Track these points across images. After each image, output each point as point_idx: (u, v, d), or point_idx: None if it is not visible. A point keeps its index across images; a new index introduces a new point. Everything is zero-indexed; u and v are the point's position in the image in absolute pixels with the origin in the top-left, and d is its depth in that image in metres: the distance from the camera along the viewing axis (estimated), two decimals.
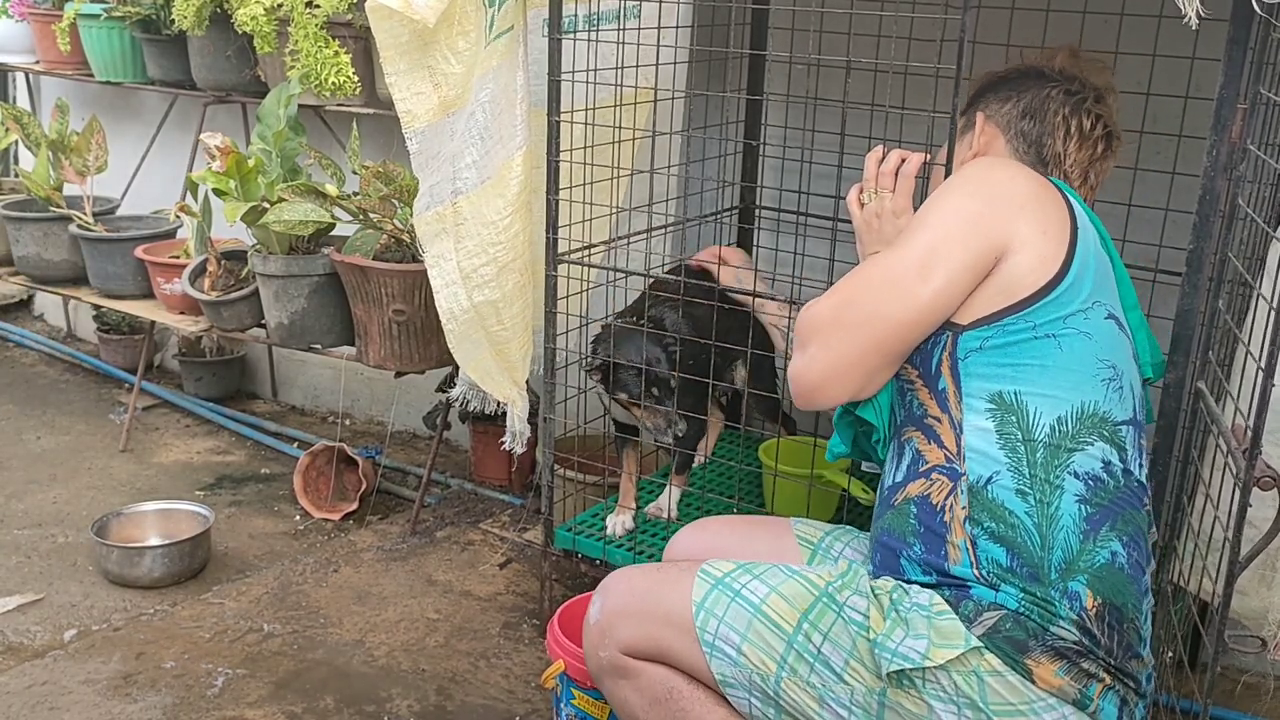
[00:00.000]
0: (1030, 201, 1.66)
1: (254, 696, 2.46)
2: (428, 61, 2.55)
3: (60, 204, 3.62)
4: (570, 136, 2.45)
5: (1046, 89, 1.85)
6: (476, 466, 3.52)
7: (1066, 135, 1.85)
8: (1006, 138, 1.87)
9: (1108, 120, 1.88)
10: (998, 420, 1.62)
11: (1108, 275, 1.72)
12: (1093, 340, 1.64)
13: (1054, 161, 1.85)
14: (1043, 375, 1.62)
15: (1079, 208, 1.73)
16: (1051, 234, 1.64)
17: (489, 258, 2.63)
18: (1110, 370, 1.64)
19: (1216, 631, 1.52)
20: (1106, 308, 1.67)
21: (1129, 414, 1.66)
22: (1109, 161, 1.91)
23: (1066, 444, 1.60)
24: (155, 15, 3.50)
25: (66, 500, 3.35)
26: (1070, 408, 1.61)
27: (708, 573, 1.73)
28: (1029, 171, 1.72)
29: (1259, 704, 2.48)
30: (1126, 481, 1.63)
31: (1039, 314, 1.62)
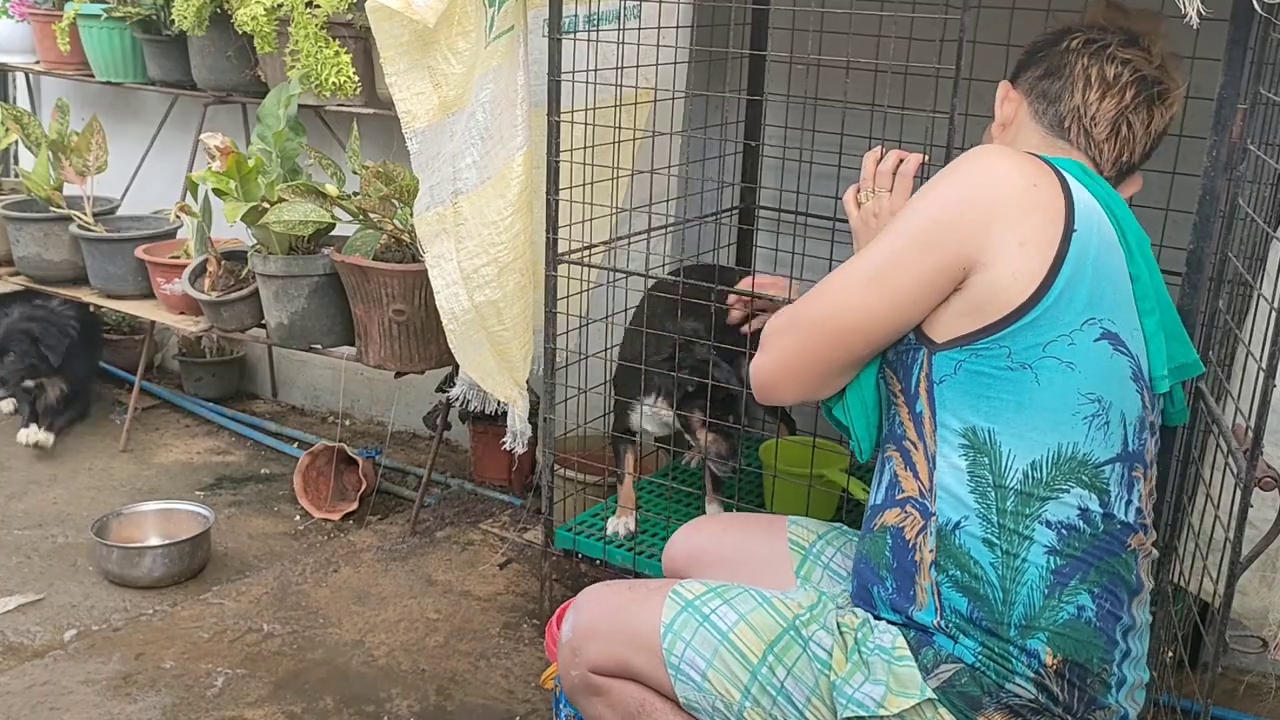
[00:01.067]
0: (1010, 208, 1.51)
1: (254, 696, 2.46)
2: (428, 62, 2.55)
3: (60, 204, 3.62)
4: (570, 136, 2.45)
5: (1066, 41, 1.71)
6: (476, 466, 3.52)
7: (1086, 85, 1.67)
8: (1029, 101, 1.73)
9: (1140, 65, 1.67)
10: (970, 459, 1.54)
11: (1114, 283, 1.55)
12: (1075, 372, 1.51)
13: (1073, 117, 1.68)
14: (1018, 415, 1.52)
15: (1086, 203, 1.55)
16: (1032, 246, 1.50)
17: (490, 258, 2.63)
18: (1094, 405, 1.53)
19: (1218, 632, 1.52)
20: (1102, 325, 1.53)
21: (1115, 450, 1.55)
22: (1153, 112, 1.69)
23: (1040, 492, 1.51)
24: (155, 15, 3.50)
25: (66, 500, 3.35)
26: (1046, 452, 1.52)
27: (679, 594, 1.70)
28: (1022, 168, 1.55)
29: (1260, 704, 2.48)
30: (1107, 527, 1.54)
31: (1015, 339, 1.50)
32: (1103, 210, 1.57)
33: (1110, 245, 1.55)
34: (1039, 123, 1.71)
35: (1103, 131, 1.68)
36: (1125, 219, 1.62)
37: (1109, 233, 1.56)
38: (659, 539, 2.58)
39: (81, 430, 3.85)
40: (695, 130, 2.89)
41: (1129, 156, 1.70)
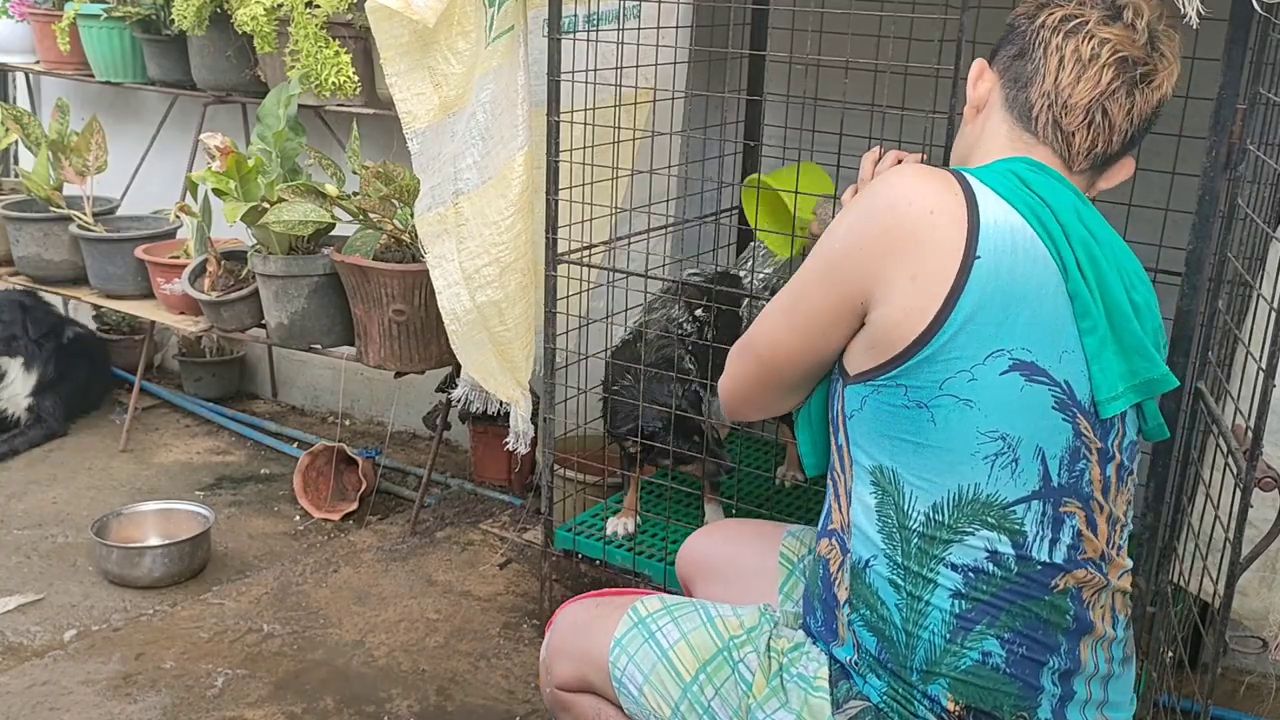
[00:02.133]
0: (903, 240, 1.42)
1: (254, 697, 2.46)
2: (428, 62, 2.55)
3: (60, 204, 3.62)
4: (570, 136, 2.45)
5: (1041, 16, 1.55)
6: (476, 467, 3.52)
7: (1060, 67, 1.51)
8: (1002, 84, 1.58)
9: (1121, 45, 1.50)
10: (878, 498, 1.49)
11: (1033, 308, 1.43)
12: (974, 409, 1.41)
13: (1043, 104, 1.52)
14: (916, 456, 1.45)
15: (999, 225, 1.42)
16: (923, 280, 1.41)
17: (491, 258, 2.63)
18: (998, 444, 1.43)
19: (1218, 632, 1.52)
20: (1013, 355, 1.42)
21: (1029, 488, 1.44)
22: (1134, 97, 1.52)
23: (942, 535, 1.45)
24: (155, 15, 3.50)
25: (66, 500, 3.35)
26: (945, 494, 1.44)
27: (635, 611, 1.72)
28: (922, 194, 1.44)
29: (1261, 705, 2.48)
30: (1022, 569, 1.45)
31: (910, 376, 1.43)
32: (1031, 226, 1.44)
33: (1029, 266, 1.42)
34: (1009, 110, 1.56)
35: (1075, 120, 1.52)
36: (1072, 228, 1.47)
37: (1031, 252, 1.43)
38: (658, 539, 2.58)
39: (81, 430, 3.85)
40: (695, 130, 2.89)
41: (1105, 147, 1.54)
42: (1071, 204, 1.48)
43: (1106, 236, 1.50)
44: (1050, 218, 1.45)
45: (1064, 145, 1.54)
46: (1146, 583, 1.92)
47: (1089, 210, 1.51)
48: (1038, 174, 1.51)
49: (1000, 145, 1.56)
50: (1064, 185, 1.51)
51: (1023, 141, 1.55)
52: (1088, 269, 1.45)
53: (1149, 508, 1.90)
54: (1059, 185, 1.50)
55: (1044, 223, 1.45)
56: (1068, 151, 1.54)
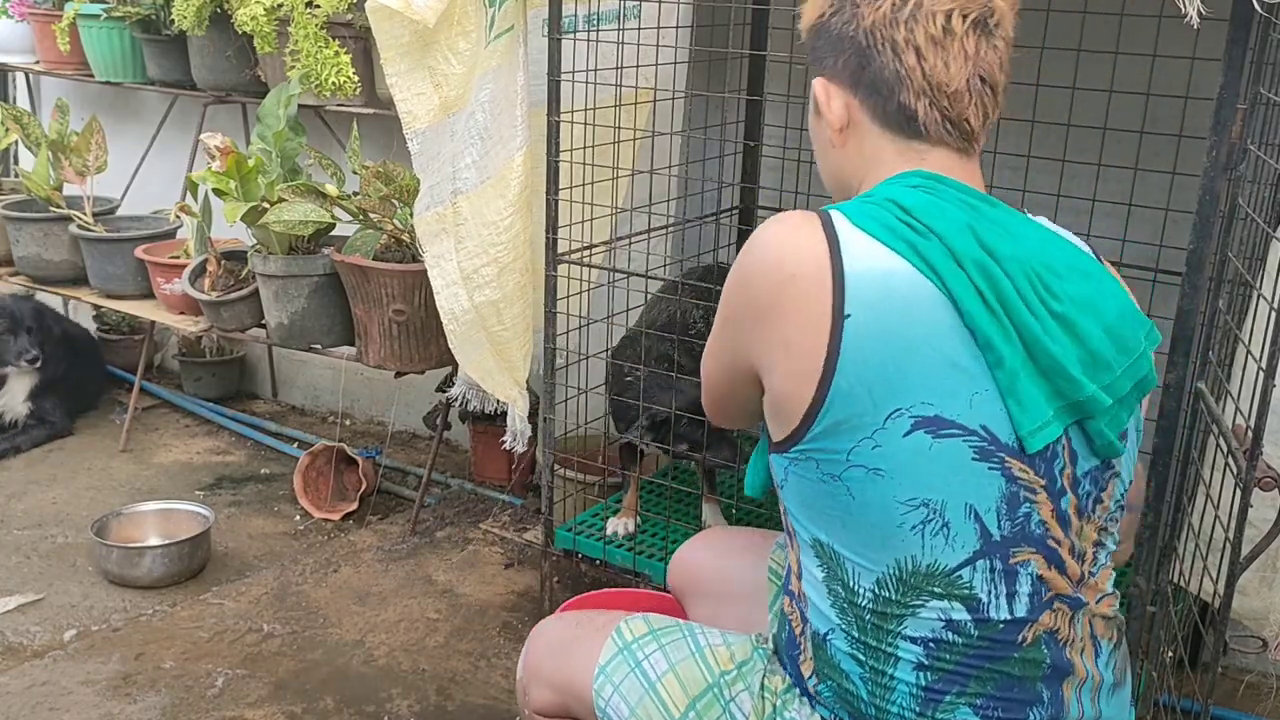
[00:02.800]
0: (769, 308, 1.33)
1: (254, 697, 2.46)
2: (428, 62, 2.55)
3: (60, 204, 3.62)
4: (570, 136, 2.45)
5: (864, 15, 1.39)
6: (476, 466, 3.52)
7: (920, 58, 1.36)
8: (859, 99, 1.41)
9: (963, 6, 1.37)
10: (826, 572, 1.39)
11: (925, 356, 1.29)
12: (886, 479, 1.30)
13: (925, 102, 1.38)
14: (846, 532, 1.35)
15: (868, 273, 1.29)
16: (797, 349, 1.30)
17: (490, 258, 2.63)
18: (921, 510, 1.30)
19: (1218, 632, 1.52)
20: (913, 413, 1.28)
21: (969, 549, 1.32)
22: (997, 48, 1.39)
23: (893, 610, 1.34)
24: (155, 15, 3.50)
25: (66, 500, 3.35)
26: (886, 570, 1.33)
27: (620, 635, 1.61)
28: (781, 255, 1.32)
29: (1260, 704, 2.48)
30: (984, 633, 1.34)
31: (815, 448, 1.33)
32: (911, 264, 1.30)
33: (911, 312, 1.29)
34: (885, 125, 1.41)
35: (963, 103, 1.38)
36: (964, 251, 1.31)
37: (911, 295, 1.30)
38: (658, 539, 2.58)
39: (81, 430, 3.85)
40: (695, 130, 2.89)
41: (997, 110, 1.42)
42: (962, 222, 1.33)
43: (1010, 249, 1.33)
44: (935, 247, 1.31)
45: (960, 135, 1.40)
46: (1146, 583, 1.92)
47: (986, 219, 1.36)
48: (928, 193, 1.36)
49: (889, 164, 1.42)
50: (956, 200, 1.37)
51: (914, 151, 1.41)
52: (988, 293, 1.30)
53: (1149, 508, 1.90)
54: (948, 203, 1.35)
55: (926, 256, 1.30)
56: (967, 139, 1.40)
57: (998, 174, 2.45)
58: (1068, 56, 2.24)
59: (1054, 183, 2.41)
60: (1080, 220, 2.45)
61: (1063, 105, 2.31)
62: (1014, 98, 2.32)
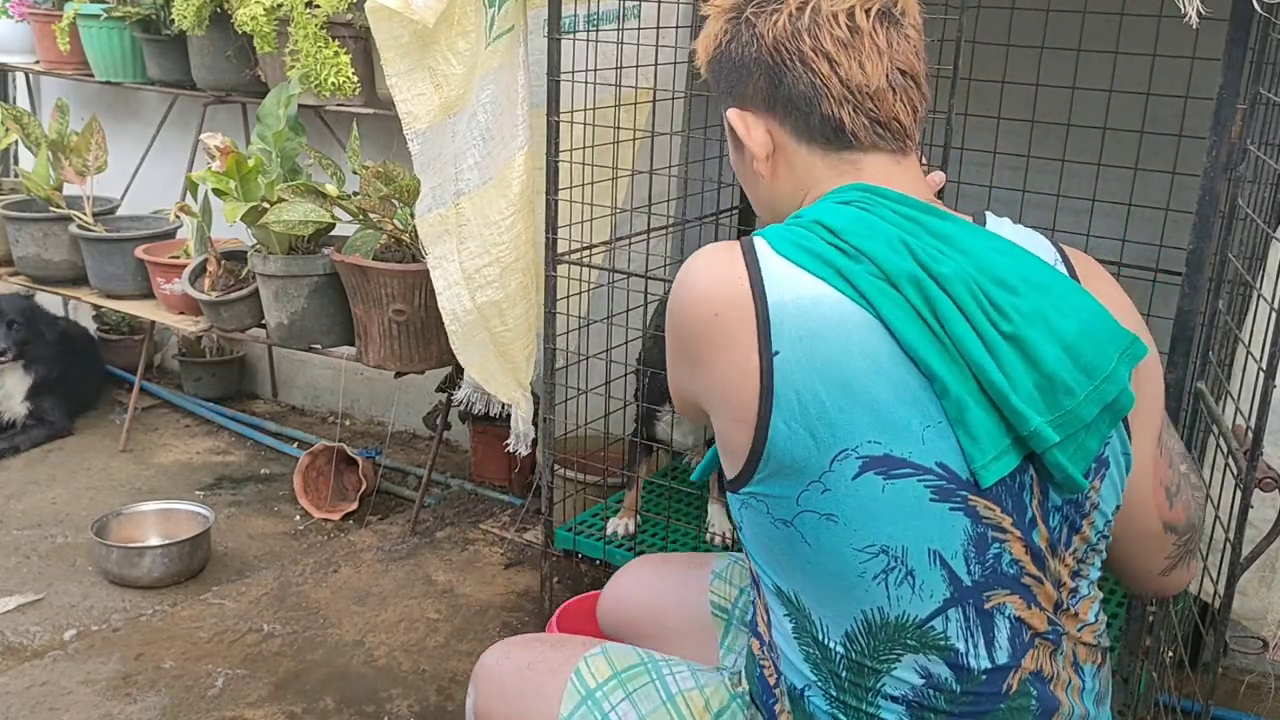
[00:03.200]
0: (699, 348, 1.24)
1: (254, 697, 2.46)
2: (428, 62, 2.55)
3: (60, 204, 3.62)
4: (570, 136, 2.45)
5: (763, 34, 1.30)
6: (476, 467, 3.52)
7: (833, 65, 1.27)
8: (778, 120, 1.33)
9: (863, 1, 1.28)
10: (794, 624, 1.29)
11: (866, 391, 1.18)
12: (840, 525, 1.20)
13: (847, 110, 1.29)
14: (808, 580, 1.25)
15: (794, 304, 1.20)
16: (730, 389, 1.22)
17: (492, 258, 2.63)
18: (881, 558, 1.20)
19: (1218, 632, 1.52)
20: (860, 453, 1.18)
21: (939, 598, 1.22)
22: (908, 36, 1.31)
23: (869, 664, 1.24)
24: (155, 15, 3.50)
25: (66, 500, 3.35)
26: (854, 623, 1.23)
27: (580, 680, 1.46)
28: (707, 292, 1.24)
29: (1260, 704, 2.48)
30: (967, 686, 1.24)
31: (763, 492, 1.24)
32: (839, 290, 1.20)
33: (844, 341, 1.19)
34: (811, 143, 1.32)
35: (887, 102, 1.29)
36: (896, 269, 1.20)
37: (843, 324, 1.19)
38: (658, 539, 2.58)
39: (81, 430, 3.85)
40: (695, 130, 2.89)
41: (924, 102, 1.33)
42: (895, 238, 1.23)
43: (951, 265, 1.22)
44: (863, 267, 1.21)
45: (892, 135, 1.31)
46: None
47: (925, 232, 1.26)
48: (861, 208, 1.27)
49: (825, 180, 1.33)
50: (891, 214, 1.27)
51: (847, 163, 1.32)
52: (926, 314, 1.19)
53: None
54: (881, 218, 1.26)
55: (852, 280, 1.20)
56: (899, 139, 1.32)
57: (997, 174, 2.45)
58: (1068, 56, 2.24)
59: (1054, 183, 2.41)
60: (1080, 220, 2.45)
61: (1063, 105, 2.31)
62: (1014, 97, 2.33)
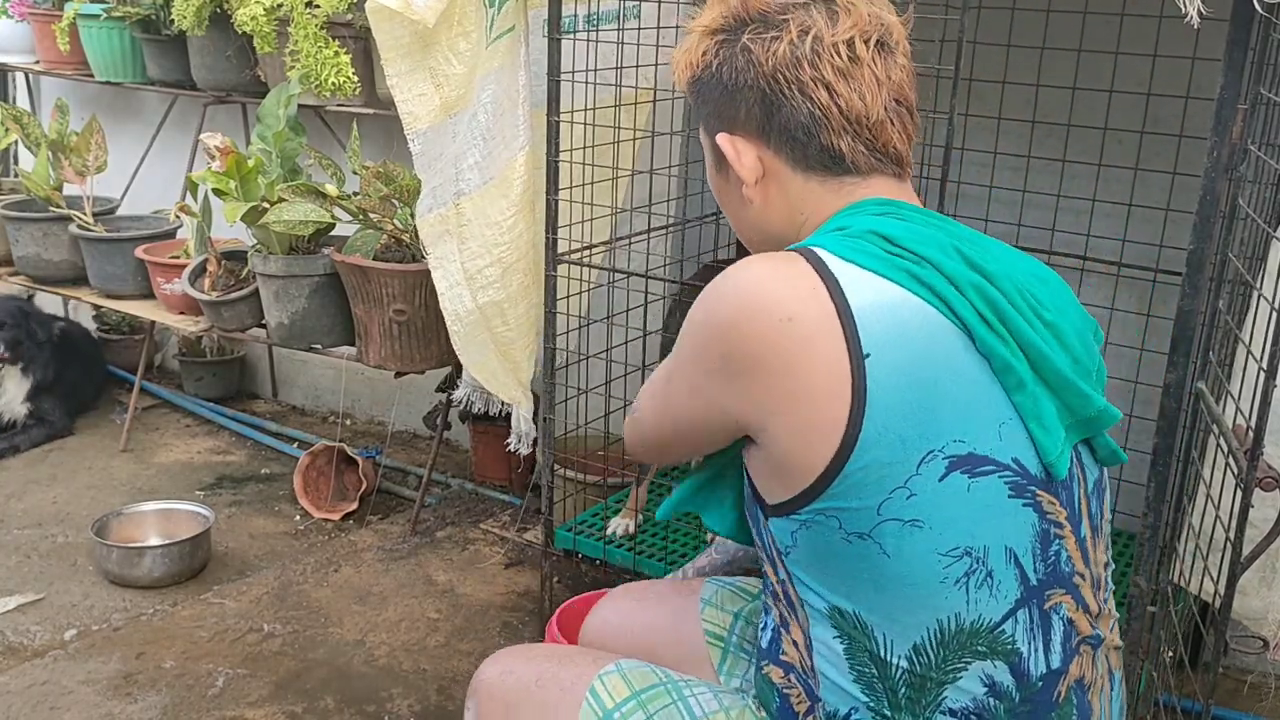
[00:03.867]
0: (761, 363, 1.18)
1: (254, 696, 2.46)
2: (429, 63, 2.55)
3: (60, 204, 3.61)
4: (570, 136, 2.45)
5: (762, 60, 1.28)
6: (477, 466, 3.52)
7: (832, 95, 1.26)
8: (773, 148, 1.32)
9: (862, 31, 1.27)
10: (847, 644, 1.24)
11: (950, 391, 1.19)
12: (926, 530, 1.18)
13: (847, 140, 1.29)
14: (879, 595, 1.21)
15: (874, 303, 1.18)
16: (808, 400, 1.16)
17: (493, 258, 2.63)
18: (965, 561, 1.19)
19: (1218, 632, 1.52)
20: (948, 453, 1.17)
21: (1012, 598, 1.22)
22: (901, 64, 1.31)
23: (933, 677, 1.21)
24: (155, 15, 3.50)
25: (66, 500, 3.35)
26: (926, 633, 1.20)
27: (597, 700, 1.40)
28: (772, 296, 1.18)
29: (1260, 704, 2.48)
30: (1025, 694, 1.23)
31: (837, 506, 1.19)
32: (913, 292, 1.20)
33: (929, 342, 1.19)
34: (809, 171, 1.31)
35: (886, 130, 1.29)
36: (956, 272, 1.22)
37: (924, 325, 1.20)
38: (659, 539, 2.59)
39: (81, 430, 3.85)
40: (695, 130, 2.88)
41: (916, 129, 1.34)
42: (942, 241, 1.25)
43: (990, 262, 1.26)
44: (930, 271, 1.22)
45: (890, 161, 1.31)
46: (1146, 583, 1.92)
47: (958, 236, 1.29)
48: (895, 218, 1.27)
49: (827, 202, 1.32)
50: (925, 219, 1.29)
51: (848, 187, 1.32)
52: (989, 315, 1.22)
53: (1149, 507, 1.90)
54: (921, 226, 1.27)
55: (924, 281, 1.21)
56: (897, 164, 1.32)
57: (998, 174, 2.45)
58: (1068, 56, 2.24)
59: (1054, 183, 2.41)
60: (1080, 220, 2.45)
61: (1063, 105, 2.31)
62: (1015, 98, 2.33)
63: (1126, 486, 2.39)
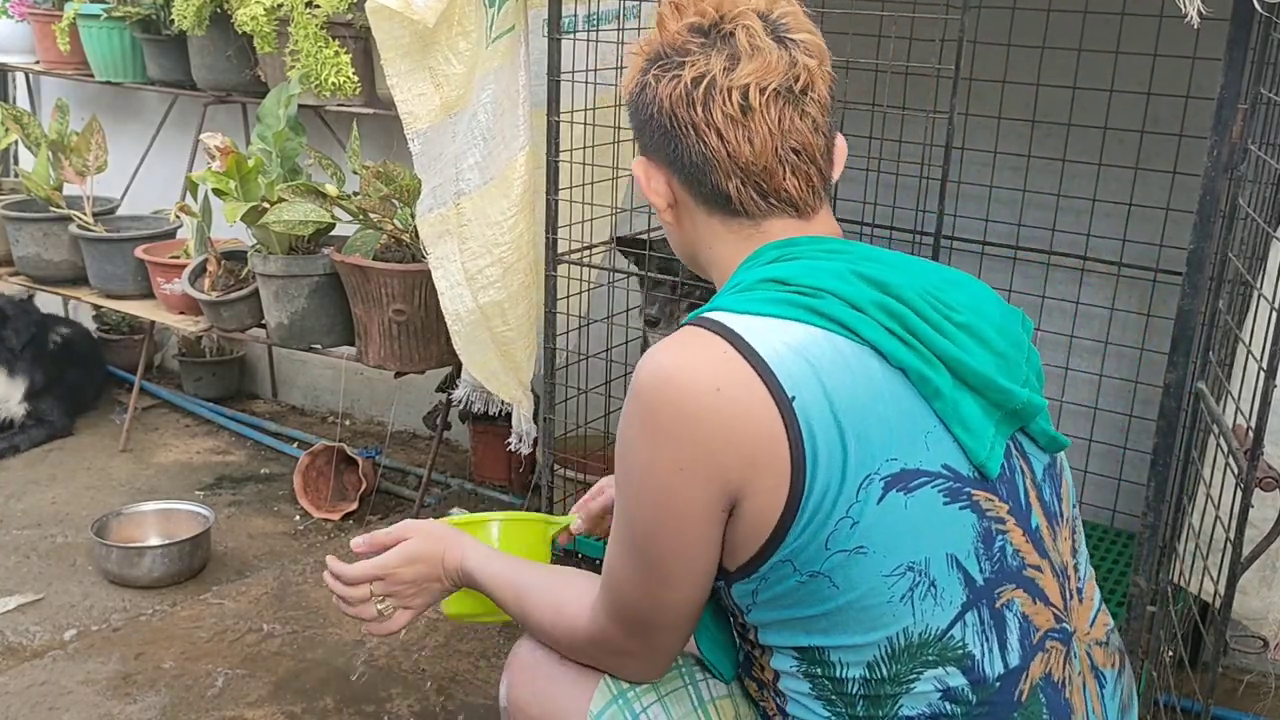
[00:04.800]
0: (713, 428, 1.19)
1: (254, 696, 2.46)
2: (429, 62, 2.55)
3: (60, 204, 3.61)
4: (570, 136, 2.45)
5: (663, 94, 1.30)
6: (476, 466, 3.52)
7: (721, 139, 1.28)
8: (679, 181, 1.34)
9: (761, 78, 1.27)
10: (805, 669, 1.29)
11: (876, 411, 1.21)
12: (869, 555, 1.20)
13: (735, 183, 1.30)
14: (832, 624, 1.24)
15: (785, 349, 1.20)
16: (758, 455, 1.19)
17: (494, 258, 2.63)
18: (908, 576, 1.22)
19: (1218, 632, 1.52)
20: (882, 474, 1.20)
21: (958, 603, 1.24)
22: (807, 114, 1.30)
23: (886, 690, 1.24)
24: (155, 15, 3.50)
25: (66, 500, 3.35)
26: (878, 651, 1.24)
27: (614, 679, 1.45)
28: (693, 369, 1.20)
29: (1260, 704, 2.48)
30: (981, 696, 1.25)
31: (791, 551, 1.22)
32: (818, 326, 1.23)
33: (844, 369, 1.22)
34: (709, 208, 1.34)
35: (777, 177, 1.30)
36: (857, 295, 1.24)
37: (835, 355, 1.22)
38: None
39: (81, 430, 3.85)
40: None
41: (820, 174, 1.33)
42: (837, 269, 1.27)
43: (891, 276, 1.28)
44: (828, 301, 1.24)
45: (785, 204, 1.32)
46: (1146, 582, 1.93)
47: (860, 258, 1.30)
48: (787, 261, 1.29)
49: (727, 243, 1.35)
50: (821, 251, 1.30)
51: (747, 227, 1.33)
52: (896, 329, 1.24)
53: (1149, 507, 1.90)
54: (814, 260, 1.29)
55: (824, 312, 1.23)
56: (793, 208, 1.32)
57: (998, 174, 2.46)
58: (1068, 56, 2.25)
59: (1054, 183, 2.42)
60: (1080, 220, 2.45)
61: (1063, 105, 2.31)
62: (1014, 97, 2.33)
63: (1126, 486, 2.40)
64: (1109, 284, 2.53)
